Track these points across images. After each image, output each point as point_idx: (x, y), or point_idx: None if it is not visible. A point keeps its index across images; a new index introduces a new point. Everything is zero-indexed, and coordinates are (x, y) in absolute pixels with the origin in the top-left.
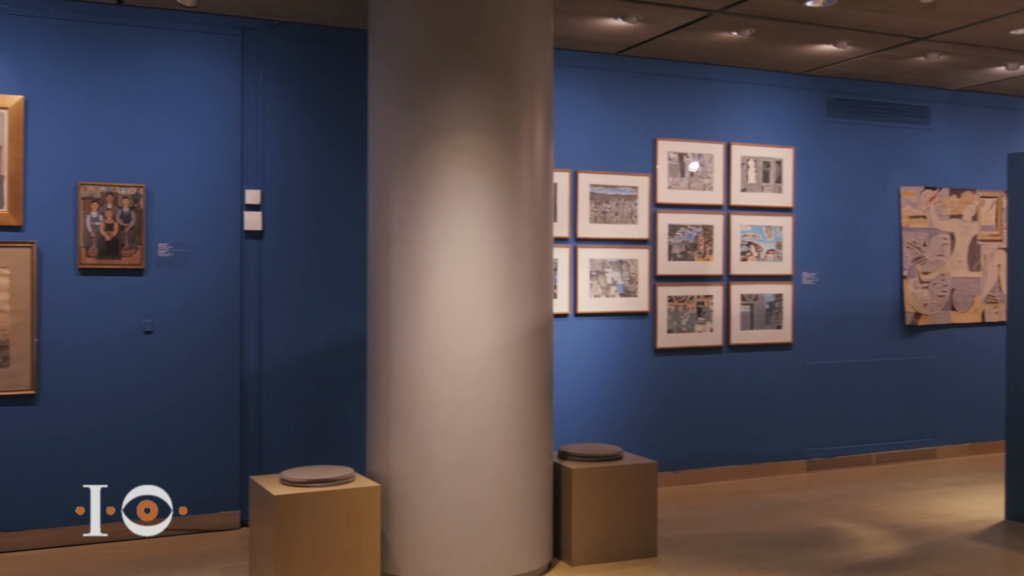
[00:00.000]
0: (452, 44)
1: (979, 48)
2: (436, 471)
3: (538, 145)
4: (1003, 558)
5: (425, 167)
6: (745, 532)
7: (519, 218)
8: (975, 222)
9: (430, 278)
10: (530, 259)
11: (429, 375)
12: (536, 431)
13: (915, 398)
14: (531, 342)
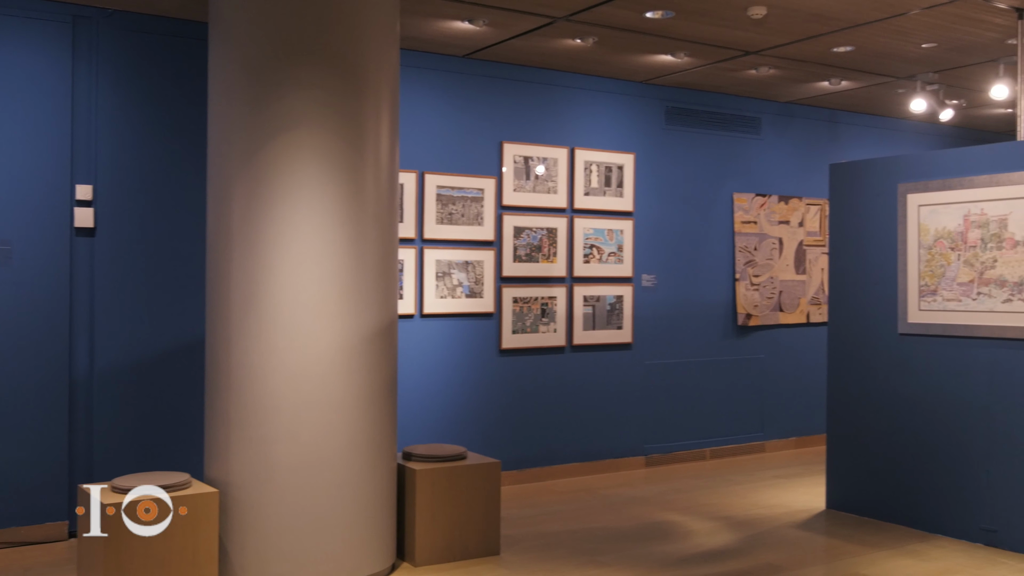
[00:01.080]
0: (296, 40)
1: (805, 63)
2: (277, 475)
3: (384, 145)
4: (824, 545)
5: (267, 165)
6: (586, 528)
7: (364, 218)
8: (801, 228)
9: (272, 278)
10: (375, 260)
11: (270, 377)
12: (380, 432)
13: (746, 395)
14: (375, 343)
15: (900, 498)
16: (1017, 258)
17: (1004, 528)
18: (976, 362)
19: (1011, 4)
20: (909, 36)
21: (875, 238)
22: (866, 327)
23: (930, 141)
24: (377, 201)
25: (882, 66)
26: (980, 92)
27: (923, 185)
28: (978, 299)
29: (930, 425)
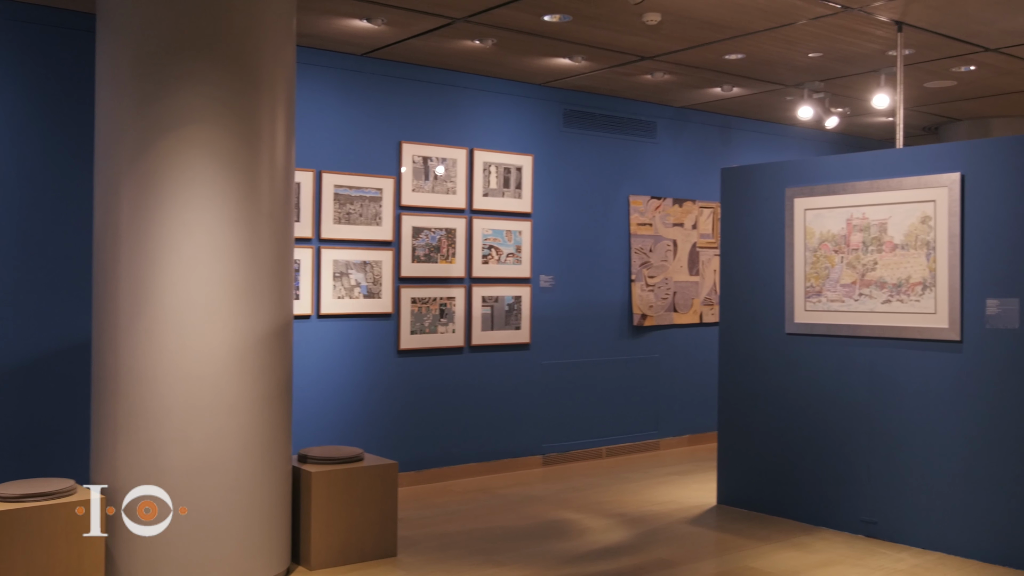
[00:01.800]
0: (188, 34)
1: (698, 70)
2: (167, 479)
3: (279, 143)
4: (715, 539)
5: (157, 163)
6: (483, 527)
7: (258, 217)
8: (695, 230)
9: (162, 278)
10: (270, 259)
11: (160, 379)
12: (274, 435)
13: (641, 394)
14: (270, 344)
15: (787, 493)
16: (896, 261)
17: (883, 520)
18: (858, 360)
19: (892, 17)
20: (797, 45)
21: (764, 240)
22: (755, 327)
23: (817, 147)
24: (272, 200)
25: (771, 74)
26: (863, 101)
27: (809, 190)
28: (860, 300)
29: (815, 422)
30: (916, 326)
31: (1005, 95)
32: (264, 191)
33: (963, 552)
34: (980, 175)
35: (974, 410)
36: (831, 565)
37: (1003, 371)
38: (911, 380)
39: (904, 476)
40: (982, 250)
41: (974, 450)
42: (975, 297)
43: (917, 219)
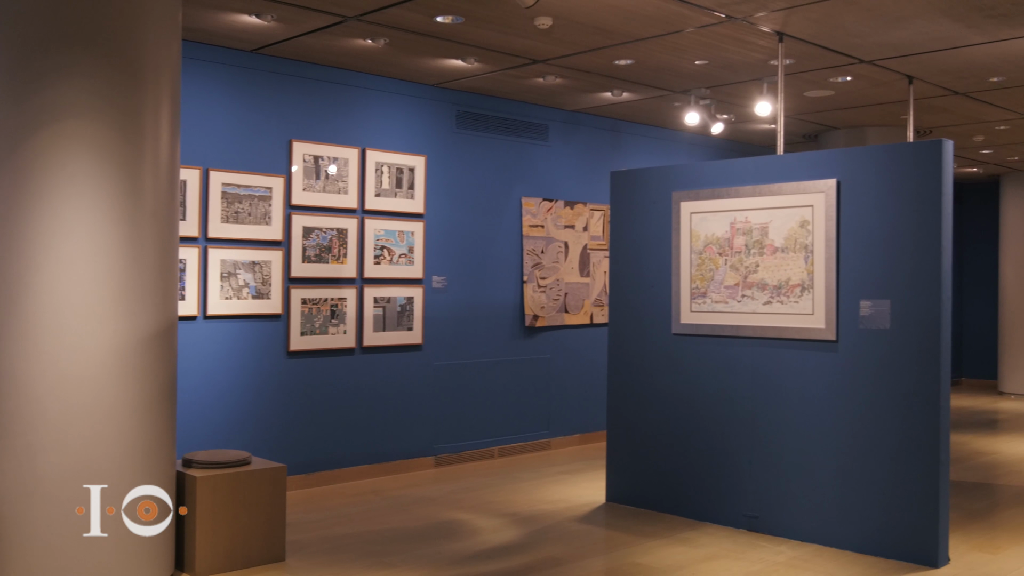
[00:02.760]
0: (67, 25)
1: (589, 74)
2: (43, 486)
3: (163, 139)
4: (604, 536)
5: (34, 158)
6: (374, 530)
7: (141, 215)
8: (586, 232)
9: (38, 278)
10: (153, 259)
11: (36, 382)
12: (157, 439)
13: (533, 394)
14: (152, 346)
15: (673, 489)
16: (776, 263)
17: (764, 514)
18: (740, 360)
19: (773, 28)
20: (684, 53)
21: (651, 243)
22: (643, 328)
23: (703, 152)
24: (156, 197)
25: (660, 80)
26: (747, 108)
27: (694, 194)
28: (743, 301)
29: (700, 420)
30: (795, 326)
31: (879, 105)
32: (147, 188)
33: (839, 544)
34: (855, 181)
35: (849, 407)
36: (715, 559)
37: (876, 369)
38: (790, 379)
39: (784, 471)
40: (856, 253)
41: (849, 445)
42: (850, 298)
43: (796, 223)
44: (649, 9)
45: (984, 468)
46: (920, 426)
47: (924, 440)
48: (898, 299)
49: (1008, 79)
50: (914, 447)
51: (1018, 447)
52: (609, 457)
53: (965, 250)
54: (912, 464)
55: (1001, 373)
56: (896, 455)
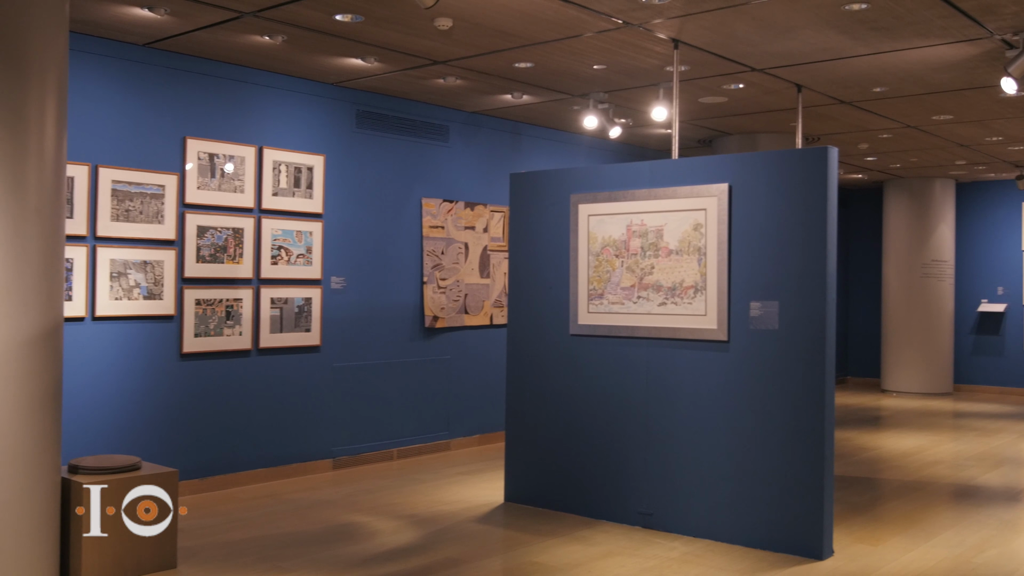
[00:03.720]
0: None
1: (490, 76)
2: None
3: (49, 134)
4: (502, 536)
5: None
6: (270, 534)
7: (24, 212)
8: (486, 233)
9: None
10: (37, 258)
11: None
12: (40, 445)
13: (433, 396)
14: (36, 348)
15: (570, 488)
16: (671, 265)
17: (658, 511)
18: (636, 360)
19: (669, 35)
20: (583, 57)
21: (550, 244)
22: (541, 328)
23: (601, 155)
24: (40, 194)
25: (559, 83)
26: (644, 113)
27: (592, 196)
28: (638, 302)
29: (597, 419)
30: (688, 327)
31: (770, 112)
32: (31, 185)
33: (730, 539)
34: (746, 186)
35: (739, 406)
36: (610, 556)
37: (765, 369)
38: (684, 378)
39: (677, 469)
40: (747, 256)
41: (740, 443)
42: (741, 300)
43: (690, 226)
44: (548, 13)
45: (867, 463)
46: (806, 423)
47: (810, 437)
48: (786, 300)
49: (890, 89)
50: (800, 444)
51: (899, 442)
52: (507, 457)
53: (851, 253)
54: (799, 460)
55: (884, 371)
56: (784, 452)
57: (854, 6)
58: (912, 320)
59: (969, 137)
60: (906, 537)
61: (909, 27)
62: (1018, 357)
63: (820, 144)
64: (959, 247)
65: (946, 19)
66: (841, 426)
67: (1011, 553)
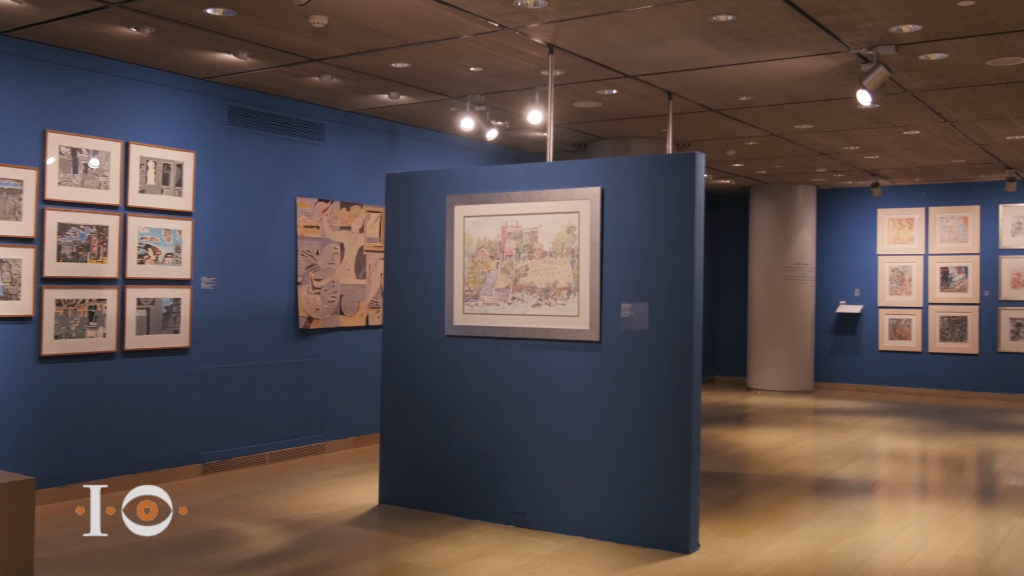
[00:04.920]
0: None
1: (366, 75)
2: None
3: None
4: (376, 538)
5: None
6: (134, 542)
7: None
8: (362, 234)
9: None
10: None
11: None
12: None
13: (307, 398)
14: None
15: (445, 489)
16: (545, 267)
17: (532, 510)
18: (510, 361)
19: (544, 40)
20: (459, 59)
21: (426, 245)
22: (416, 329)
23: (478, 157)
24: None
25: (436, 85)
26: (520, 116)
27: (468, 198)
28: (513, 303)
29: (471, 419)
30: (562, 328)
31: (642, 118)
32: None
33: (602, 535)
34: (618, 190)
35: (610, 405)
36: (484, 556)
37: (635, 368)
38: (557, 378)
39: (551, 468)
40: (618, 258)
41: (611, 441)
42: (612, 301)
43: (564, 228)
44: (425, 14)
45: (733, 459)
46: (674, 421)
47: (677, 434)
48: (656, 302)
49: (755, 99)
50: (668, 441)
51: (763, 439)
52: (382, 459)
53: (719, 256)
54: (667, 457)
55: (750, 370)
56: (652, 449)
57: (721, 17)
58: (776, 321)
59: (828, 146)
60: (768, 529)
61: (772, 39)
62: (873, 356)
63: (690, 150)
64: (820, 251)
65: (807, 33)
66: (708, 423)
67: (864, 542)
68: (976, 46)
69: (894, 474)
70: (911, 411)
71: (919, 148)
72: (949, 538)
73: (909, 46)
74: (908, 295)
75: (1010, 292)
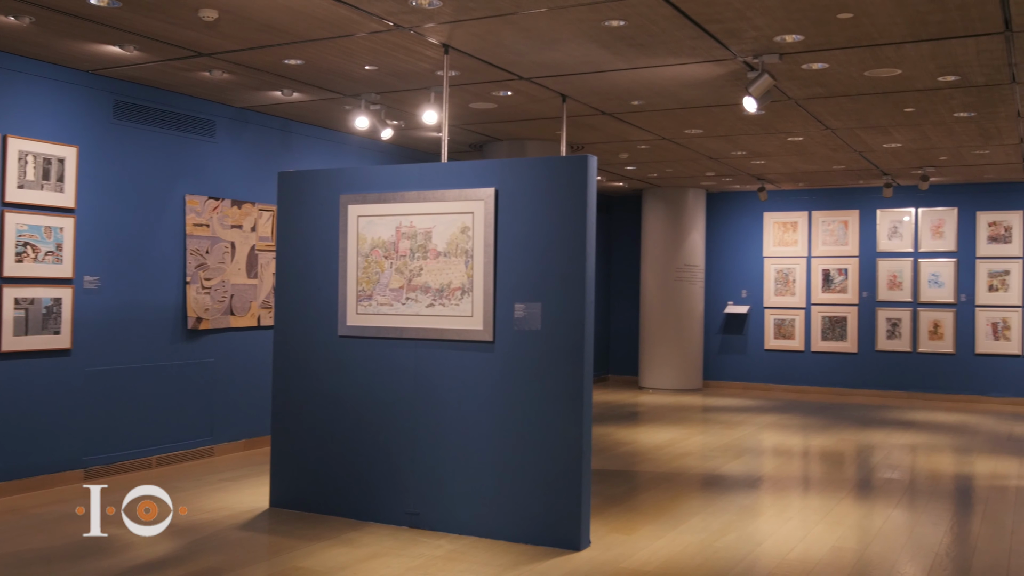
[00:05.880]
0: None
1: (258, 71)
2: None
3: None
4: (266, 543)
5: None
6: (11, 551)
7: None
8: (254, 233)
9: None
10: None
11: None
12: None
13: (195, 400)
14: None
15: (338, 491)
16: (439, 267)
17: (426, 510)
18: (404, 361)
19: (440, 40)
20: (354, 57)
21: (319, 245)
22: (309, 330)
23: (373, 157)
24: None
25: (330, 82)
26: (415, 115)
27: (362, 197)
28: (407, 303)
29: (364, 420)
30: (455, 328)
31: (537, 120)
32: None
33: (495, 534)
34: (512, 191)
35: (504, 404)
36: (377, 557)
37: (528, 368)
38: (451, 378)
39: (444, 468)
40: (512, 258)
41: (503, 441)
42: (506, 301)
43: (458, 229)
44: (318, 11)
45: (624, 457)
46: (566, 420)
47: (569, 433)
48: (549, 302)
49: (647, 103)
50: (560, 440)
51: (654, 436)
52: (273, 461)
53: (613, 257)
54: (558, 456)
55: (642, 369)
56: (545, 448)
57: (613, 23)
58: (667, 321)
59: (717, 150)
60: (657, 525)
61: (663, 45)
62: (759, 355)
63: (584, 152)
64: (709, 253)
65: (695, 40)
66: (601, 422)
67: (748, 536)
68: (855, 57)
69: (778, 469)
70: (794, 408)
71: (802, 154)
72: (828, 530)
73: (792, 55)
74: (792, 296)
75: (886, 293)
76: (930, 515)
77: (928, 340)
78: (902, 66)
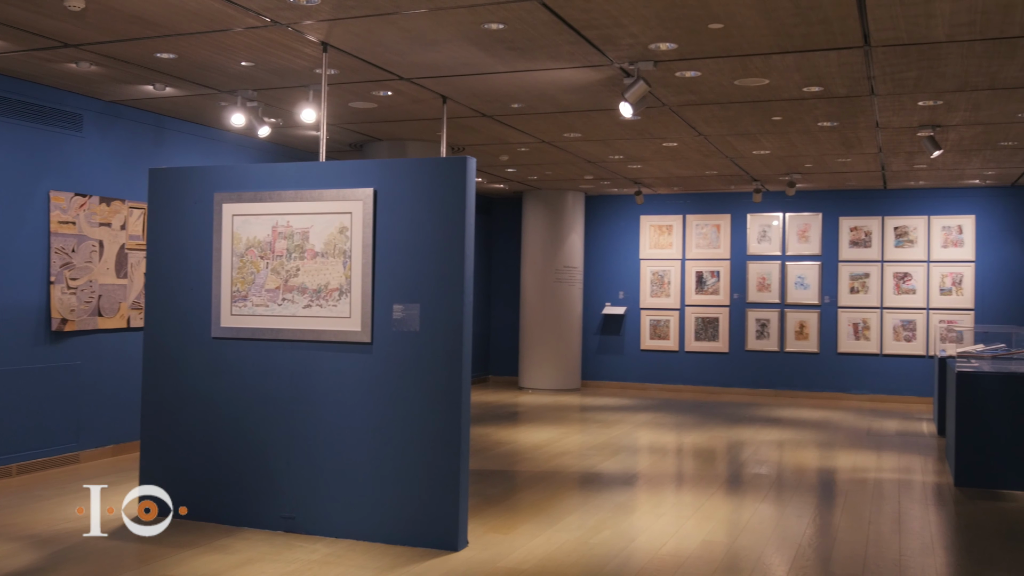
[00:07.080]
0: None
1: (128, 64)
2: None
3: None
4: (134, 551)
5: None
6: None
7: None
8: (124, 231)
9: None
10: None
11: None
12: None
13: (60, 404)
14: None
15: (211, 497)
16: (316, 267)
17: (302, 514)
18: (280, 363)
19: (318, 38)
20: (230, 52)
21: (193, 244)
22: (181, 331)
23: (250, 154)
24: None
25: (205, 78)
26: (293, 113)
27: (237, 196)
28: (283, 304)
29: (239, 423)
30: (333, 329)
31: (418, 121)
32: None
33: (372, 537)
34: (391, 191)
35: (382, 406)
36: (251, 563)
37: (406, 369)
38: (328, 380)
39: (320, 471)
40: (391, 259)
41: (381, 443)
42: (384, 302)
43: (336, 229)
44: (191, 4)
45: (503, 456)
46: (444, 421)
47: (447, 434)
48: (427, 303)
49: (526, 106)
50: (439, 441)
51: (532, 436)
52: (143, 467)
53: (494, 259)
54: (437, 457)
55: (522, 370)
56: (422, 449)
57: (492, 26)
58: (546, 322)
59: (595, 154)
60: (535, 524)
61: (542, 50)
62: (635, 355)
63: (465, 154)
64: (587, 255)
65: (573, 45)
66: (480, 422)
67: (623, 532)
68: (726, 66)
69: (652, 466)
70: (669, 406)
71: (677, 159)
72: (699, 524)
73: (666, 63)
74: (667, 297)
75: (756, 295)
76: (795, 508)
77: (794, 340)
78: (770, 76)
